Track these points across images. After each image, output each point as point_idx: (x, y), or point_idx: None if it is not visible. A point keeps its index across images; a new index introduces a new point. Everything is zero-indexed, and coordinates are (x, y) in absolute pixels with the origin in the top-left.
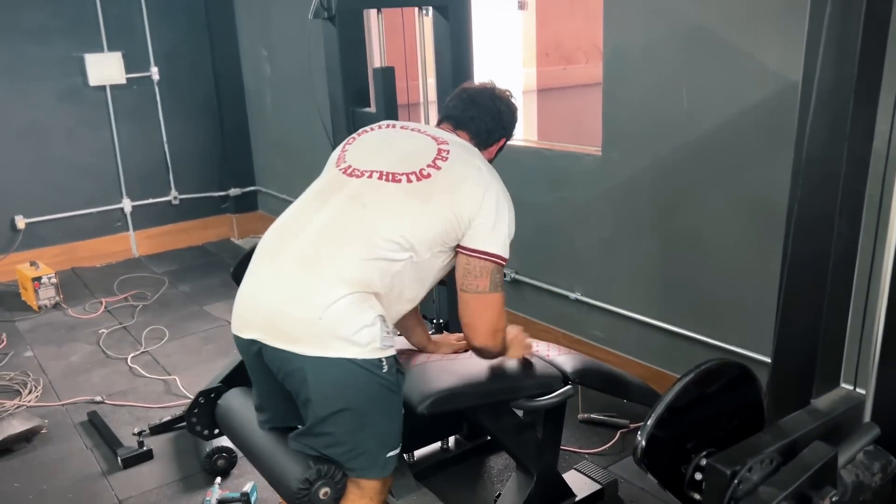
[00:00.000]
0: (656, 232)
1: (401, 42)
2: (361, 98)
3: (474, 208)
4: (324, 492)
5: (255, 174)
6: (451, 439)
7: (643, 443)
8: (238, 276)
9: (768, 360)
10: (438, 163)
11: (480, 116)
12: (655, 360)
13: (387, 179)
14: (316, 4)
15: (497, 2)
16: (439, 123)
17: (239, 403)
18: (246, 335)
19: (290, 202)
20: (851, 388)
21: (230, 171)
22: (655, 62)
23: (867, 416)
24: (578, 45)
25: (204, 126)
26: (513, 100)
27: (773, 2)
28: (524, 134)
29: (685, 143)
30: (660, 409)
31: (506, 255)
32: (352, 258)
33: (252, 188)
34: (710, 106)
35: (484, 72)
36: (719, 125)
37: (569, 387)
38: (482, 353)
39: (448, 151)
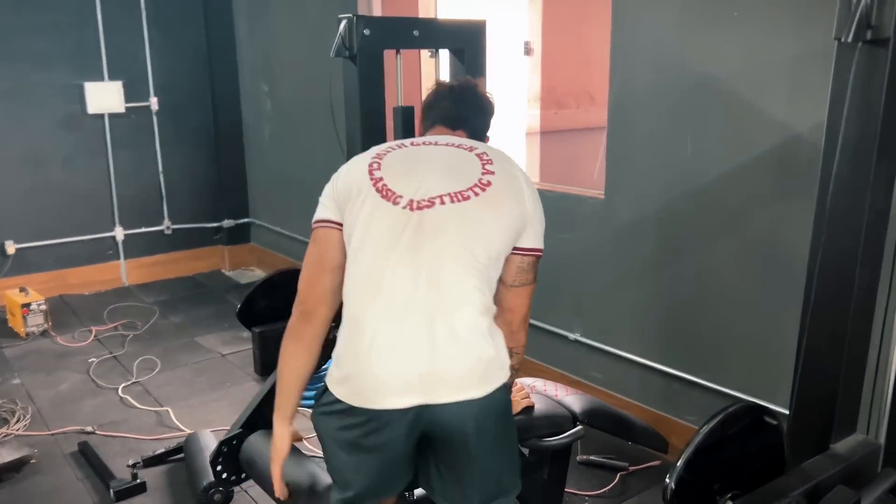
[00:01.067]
0: (659, 276)
1: (416, 82)
2: (379, 135)
3: (532, 208)
4: None
5: (250, 206)
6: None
7: (672, 485)
8: (245, 318)
9: (771, 405)
10: (488, 167)
11: (473, 114)
12: (655, 404)
13: (456, 200)
14: (338, 43)
15: (505, 48)
16: (432, 126)
17: (264, 447)
18: (402, 404)
19: (285, 235)
20: (865, 435)
21: (224, 203)
22: (660, 109)
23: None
24: (570, 90)
25: (200, 157)
26: (490, 96)
27: (781, 55)
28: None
29: (689, 189)
30: (689, 451)
31: None
32: (471, 289)
33: (245, 220)
34: (714, 153)
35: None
36: (724, 172)
37: (580, 427)
38: (517, 338)
39: (485, 154)
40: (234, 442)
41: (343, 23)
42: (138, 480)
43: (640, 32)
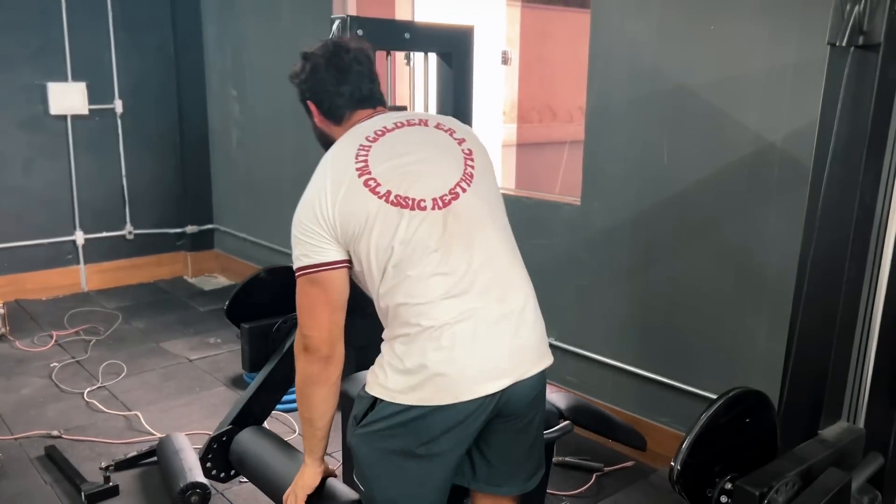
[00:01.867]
0: (634, 280)
1: (405, 84)
2: None
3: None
4: None
5: (214, 212)
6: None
7: (678, 467)
8: (233, 314)
9: None
10: (456, 137)
11: (376, 84)
12: (629, 406)
13: (468, 183)
14: None
15: (483, 56)
16: (351, 112)
17: (255, 443)
18: (497, 387)
19: (250, 241)
20: (849, 422)
21: (188, 209)
22: (637, 118)
23: None
24: (532, 105)
25: (164, 162)
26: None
27: (754, 67)
28: (503, 182)
29: (665, 197)
30: (694, 433)
31: None
32: (519, 265)
33: (209, 226)
34: (690, 161)
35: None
36: (698, 180)
37: (567, 422)
38: None
39: (441, 125)
40: (224, 438)
41: (336, 23)
42: (111, 484)
43: (618, 43)
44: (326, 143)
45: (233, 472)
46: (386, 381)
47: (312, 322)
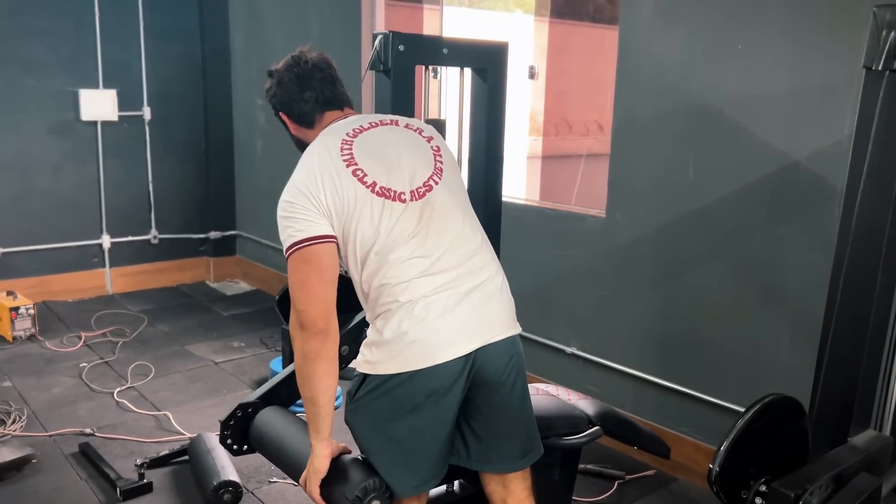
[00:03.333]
0: (656, 292)
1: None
2: None
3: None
4: None
5: (237, 219)
6: (456, 483)
7: (717, 468)
8: (284, 308)
9: None
10: (424, 135)
11: (340, 86)
12: (650, 416)
13: (439, 176)
14: (373, 58)
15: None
16: (321, 114)
17: (276, 420)
18: (466, 350)
19: (272, 248)
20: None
21: (212, 215)
22: (663, 134)
23: None
24: (550, 118)
25: (190, 168)
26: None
27: (781, 88)
28: (527, 193)
29: (689, 211)
30: (732, 436)
31: None
32: (487, 248)
33: (232, 232)
34: (715, 177)
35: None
36: (723, 195)
37: (597, 427)
38: None
39: (410, 124)
40: (250, 410)
41: (379, 38)
42: (145, 480)
43: (645, 60)
44: (303, 147)
45: (245, 448)
46: (370, 356)
47: (307, 297)
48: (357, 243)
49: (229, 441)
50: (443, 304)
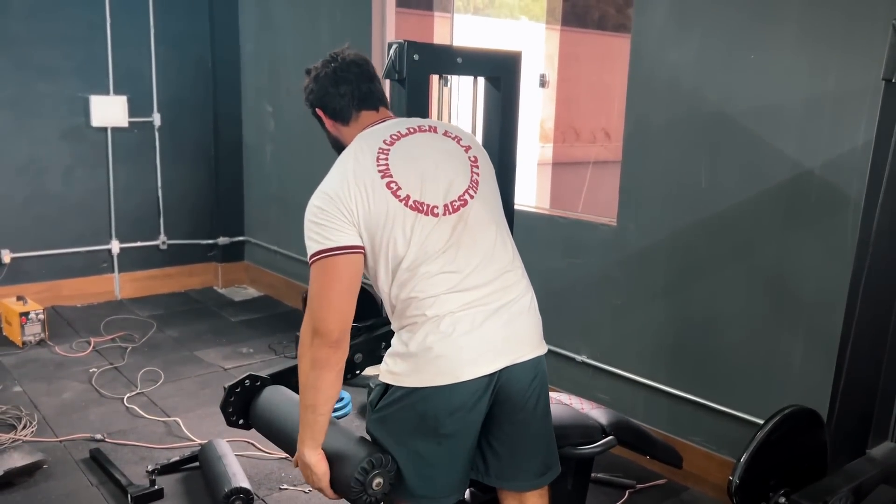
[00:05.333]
0: (668, 301)
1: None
2: None
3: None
4: (377, 482)
5: (245, 225)
6: (468, 492)
7: (737, 480)
8: None
9: None
10: (462, 144)
11: (378, 84)
12: (661, 425)
13: (475, 190)
14: (388, 66)
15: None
16: (356, 113)
17: (281, 399)
18: (491, 369)
19: (280, 254)
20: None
21: (220, 220)
22: (676, 142)
23: None
24: (558, 126)
25: (199, 174)
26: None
27: (794, 97)
28: (537, 201)
29: (701, 219)
30: (752, 447)
31: None
32: (519, 265)
33: (241, 238)
34: (727, 186)
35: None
36: (736, 204)
37: (611, 437)
38: None
39: (449, 132)
40: (258, 383)
41: (394, 47)
42: (156, 487)
43: (658, 69)
44: (338, 147)
45: (241, 422)
46: (394, 366)
47: (327, 307)
48: (389, 256)
49: (230, 410)
50: (470, 320)
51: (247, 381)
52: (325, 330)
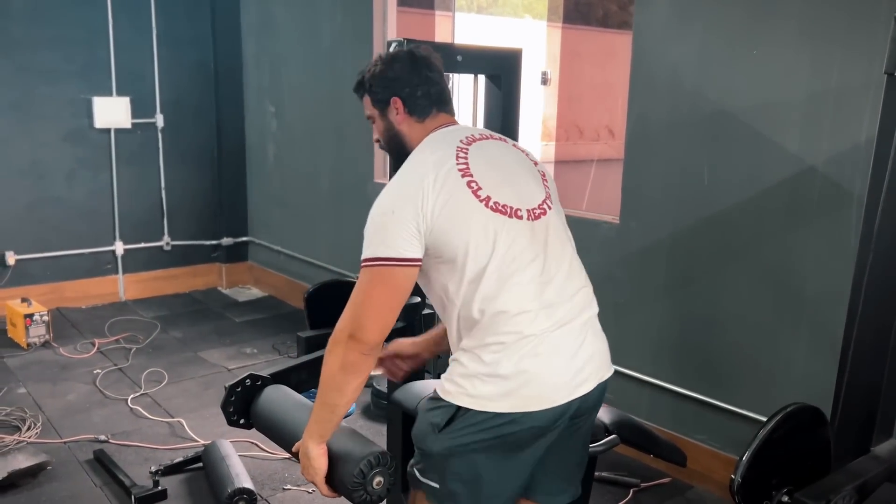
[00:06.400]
0: (671, 299)
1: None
2: None
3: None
4: (377, 481)
5: (249, 225)
6: None
7: (739, 479)
8: (312, 304)
9: None
10: (531, 158)
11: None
12: (665, 423)
13: (550, 201)
14: None
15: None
16: (432, 114)
17: (283, 398)
18: (580, 392)
19: (284, 254)
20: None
21: (224, 221)
22: (678, 140)
23: None
24: (560, 124)
25: (202, 175)
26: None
27: (796, 93)
28: None
29: (704, 217)
30: (754, 446)
31: None
32: (587, 283)
33: (244, 238)
34: (730, 183)
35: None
36: (738, 201)
37: (614, 436)
38: None
39: (526, 152)
40: (259, 382)
41: (393, 45)
42: (160, 488)
43: (659, 66)
44: (397, 146)
45: (242, 422)
46: (475, 389)
47: (372, 316)
48: (467, 262)
49: (230, 409)
50: (563, 341)
51: (247, 380)
52: (364, 338)
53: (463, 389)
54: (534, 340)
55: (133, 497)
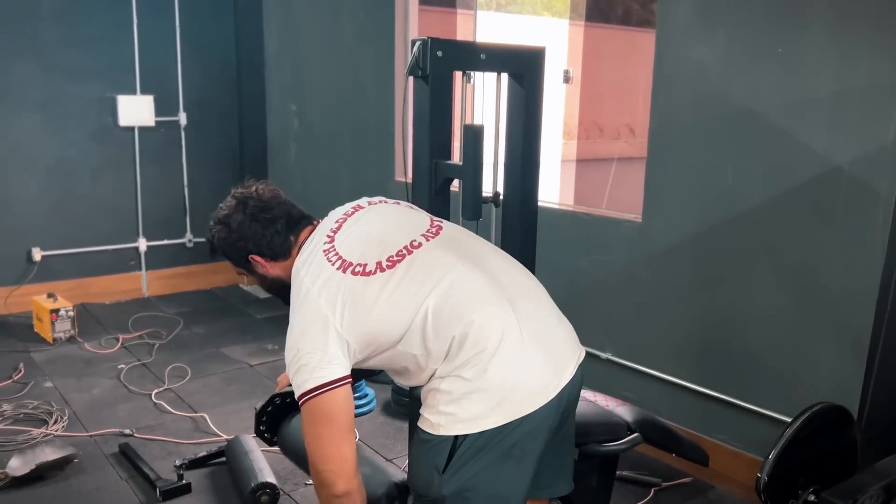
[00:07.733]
0: (694, 298)
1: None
2: (444, 151)
3: None
4: None
5: None
6: None
7: (765, 477)
8: (265, 424)
9: None
10: (433, 217)
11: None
12: (686, 422)
13: (442, 223)
14: (412, 63)
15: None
16: (303, 230)
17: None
18: (567, 377)
19: None
20: None
21: None
22: (702, 139)
23: None
24: (582, 122)
25: (224, 173)
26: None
27: (822, 91)
28: (561, 198)
29: (728, 216)
30: (780, 444)
31: None
32: (522, 268)
33: None
34: (755, 182)
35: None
36: (763, 201)
37: (636, 434)
38: None
39: (397, 202)
40: (289, 400)
41: (417, 44)
42: (184, 481)
43: (683, 65)
44: (279, 288)
45: (274, 439)
46: (465, 412)
47: (324, 455)
48: (415, 323)
49: (262, 427)
50: (536, 333)
51: (277, 399)
52: (327, 481)
53: (453, 416)
54: (508, 339)
55: (158, 490)
